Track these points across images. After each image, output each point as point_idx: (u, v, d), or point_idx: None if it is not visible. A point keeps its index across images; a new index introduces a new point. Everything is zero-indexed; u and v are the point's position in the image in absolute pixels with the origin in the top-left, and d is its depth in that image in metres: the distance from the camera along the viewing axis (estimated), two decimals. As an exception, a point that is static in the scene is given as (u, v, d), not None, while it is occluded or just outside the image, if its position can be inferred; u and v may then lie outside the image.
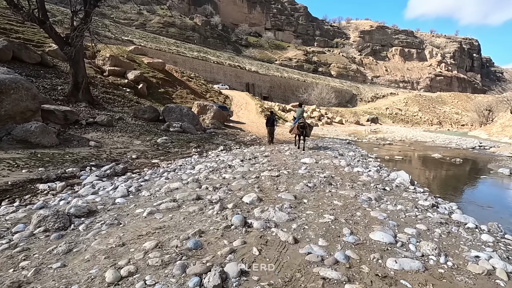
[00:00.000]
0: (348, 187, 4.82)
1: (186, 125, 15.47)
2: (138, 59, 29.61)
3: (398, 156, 11.14)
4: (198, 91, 33.09)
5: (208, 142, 13.66)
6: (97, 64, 22.79)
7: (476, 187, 7.06)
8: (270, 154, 8.91)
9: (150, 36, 63.13)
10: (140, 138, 11.64)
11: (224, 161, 7.68)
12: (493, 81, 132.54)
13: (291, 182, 4.98)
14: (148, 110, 16.32)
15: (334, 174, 5.86)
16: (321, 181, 5.03)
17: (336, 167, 6.69)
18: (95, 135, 10.98)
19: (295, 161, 7.41)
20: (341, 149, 11.20)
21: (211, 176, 5.15)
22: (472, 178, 8.23)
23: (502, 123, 37.65)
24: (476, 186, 7.10)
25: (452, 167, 9.63)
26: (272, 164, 6.78)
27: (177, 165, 7.57)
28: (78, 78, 15.02)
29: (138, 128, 13.64)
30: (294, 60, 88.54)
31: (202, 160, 8.67)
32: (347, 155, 9.07)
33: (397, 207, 3.93)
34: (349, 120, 53.60)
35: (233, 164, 6.75)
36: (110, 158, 8.25)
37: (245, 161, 7.38)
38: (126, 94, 20.34)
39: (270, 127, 12.78)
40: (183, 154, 10.22)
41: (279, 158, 7.98)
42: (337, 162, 7.27)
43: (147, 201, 3.82)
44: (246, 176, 5.33)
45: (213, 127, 18.94)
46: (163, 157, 9.29)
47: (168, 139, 12.03)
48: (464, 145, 17.35)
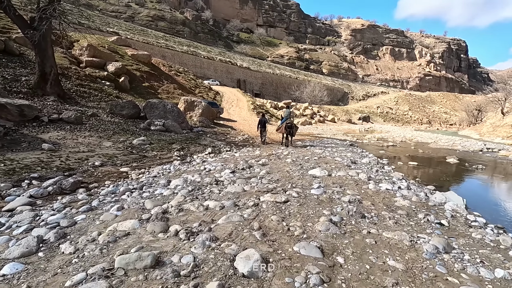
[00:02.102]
0: (390, 222, 3.27)
1: (170, 123, 13.64)
2: (121, 50, 27.26)
3: (412, 162, 9.74)
4: (187, 86, 31.06)
5: (194, 143, 11.92)
6: (74, 54, 20.56)
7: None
8: (268, 161, 7.31)
9: (137, 29, 60.15)
10: (113, 139, 9.78)
11: (211, 171, 6.01)
12: (479, 81, 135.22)
13: (306, 213, 3.37)
14: (127, 106, 14.36)
15: (360, 195, 4.30)
16: (349, 211, 3.46)
17: (356, 182, 5.13)
18: (55, 135, 9.05)
19: (302, 173, 5.82)
20: (346, 152, 9.72)
21: (187, 206, 3.41)
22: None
23: (492, 123, 37.40)
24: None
25: (481, 177, 8.28)
26: (274, 179, 5.15)
27: (150, 177, 5.84)
28: (45, 68, 12.98)
29: (113, 127, 11.74)
30: (286, 57, 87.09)
31: (183, 168, 6.96)
32: (360, 163, 7.56)
33: (496, 273, 2.40)
34: (341, 118, 52.65)
35: (222, 179, 5.08)
36: (63, 167, 6.43)
37: (237, 172, 5.73)
38: (105, 88, 18.26)
39: (261, 129, 12.68)
40: (162, 159, 8.47)
41: (280, 168, 6.37)
42: (354, 175, 5.73)
43: (57, 274, 2.07)
44: (239, 202, 3.68)
45: (201, 126, 17.13)
46: (135, 164, 7.52)
47: (147, 140, 10.22)
48: (471, 147, 16.25)
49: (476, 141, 20.68)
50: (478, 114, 56.00)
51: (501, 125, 34.52)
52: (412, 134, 28.43)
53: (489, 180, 8.14)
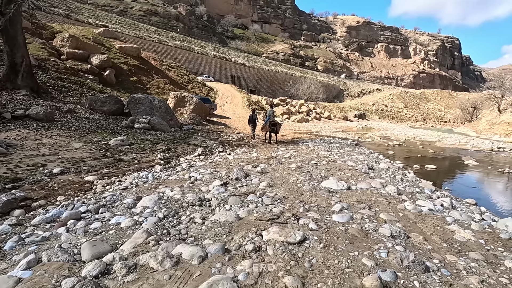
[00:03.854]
0: (472, 280, 2.04)
1: (156, 120, 12.25)
2: (108, 43, 25.51)
3: (429, 165, 8.58)
4: (179, 82, 29.49)
5: (183, 142, 10.57)
6: (55, 45, 18.91)
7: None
8: (268, 167, 6.03)
9: (128, 22, 57.90)
10: (85, 139, 8.35)
11: (197, 182, 4.71)
12: (472, 79, 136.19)
13: (338, 266, 2.03)
14: (109, 101, 12.91)
15: (400, 222, 3.03)
16: (402, 260, 2.20)
17: (386, 199, 3.86)
18: (14, 134, 7.59)
19: (313, 185, 4.56)
20: (356, 154, 8.51)
21: (145, 258, 2.05)
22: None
23: (488, 121, 36.89)
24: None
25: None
26: (279, 196, 3.83)
27: (118, 190, 4.53)
28: (15, 59, 11.52)
29: (89, 124, 10.31)
30: (281, 53, 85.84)
31: (164, 176, 5.64)
32: (378, 168, 6.32)
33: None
34: (337, 115, 51.76)
35: (209, 196, 3.77)
36: (8, 176, 5.05)
37: (230, 185, 4.43)
38: (88, 82, 16.73)
39: (252, 125, 13.12)
40: (142, 163, 7.12)
41: (284, 177, 5.08)
42: (378, 186, 4.49)
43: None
44: (231, 243, 2.33)
45: (193, 123, 15.75)
46: (107, 170, 6.16)
47: (127, 140, 8.82)
48: (480, 146, 15.25)
49: (483, 140, 19.75)
50: (474, 112, 55.78)
51: (498, 122, 33.97)
52: (413, 132, 27.50)
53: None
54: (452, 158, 10.87)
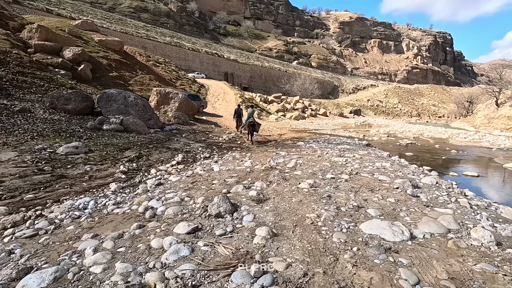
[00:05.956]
0: None
1: (131, 120, 10.24)
2: (86, 35, 23.08)
3: (469, 172, 6.80)
4: (167, 78, 27.26)
5: (161, 147, 8.63)
6: (22, 37, 16.55)
7: None
8: (267, 187, 4.18)
9: (115, 18, 55.04)
10: (23, 147, 6.32)
11: (153, 221, 2.80)
12: (464, 74, 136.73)
13: None
14: (74, 98, 10.76)
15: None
16: None
17: (486, 274, 2.08)
18: None
19: (349, 235, 2.73)
20: (380, 161, 6.73)
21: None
22: None
23: (486, 115, 35.93)
24: None
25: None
26: (294, 274, 1.96)
27: (22, 237, 2.63)
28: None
29: (43, 127, 8.24)
30: (275, 50, 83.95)
31: (111, 205, 3.73)
32: (422, 184, 4.47)
33: None
34: (332, 112, 50.16)
35: (153, 278, 1.88)
36: None
37: (204, 231, 2.49)
38: (57, 77, 14.48)
39: (237, 118, 13.61)
40: (94, 179, 5.17)
41: (294, 212, 3.12)
42: (457, 228, 2.68)
43: None
44: None
45: (177, 122, 13.75)
46: (32, 194, 4.21)
47: (83, 146, 6.81)
48: (500, 143, 13.68)
49: (496, 136, 18.26)
50: (469, 106, 54.97)
51: (496, 116, 32.99)
52: (417, 128, 25.98)
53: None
54: (484, 161, 9.23)
